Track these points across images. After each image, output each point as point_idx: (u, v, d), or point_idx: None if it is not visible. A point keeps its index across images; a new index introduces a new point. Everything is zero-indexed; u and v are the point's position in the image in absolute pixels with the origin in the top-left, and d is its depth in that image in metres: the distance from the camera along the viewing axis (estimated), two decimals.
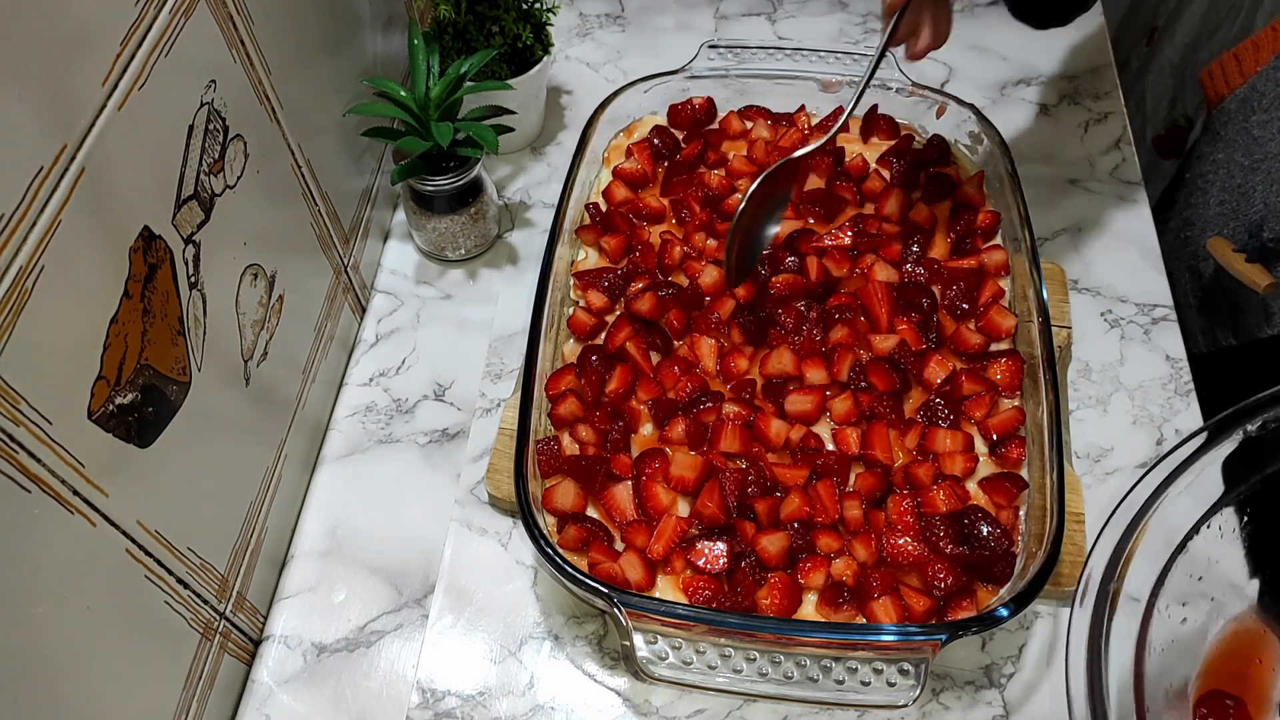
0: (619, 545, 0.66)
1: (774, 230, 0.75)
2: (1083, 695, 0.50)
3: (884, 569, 0.63)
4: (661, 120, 0.90)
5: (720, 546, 0.64)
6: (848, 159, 0.85)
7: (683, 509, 0.67)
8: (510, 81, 0.84)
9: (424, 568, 0.73)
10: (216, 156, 0.59)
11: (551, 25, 0.91)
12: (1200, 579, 0.58)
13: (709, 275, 0.77)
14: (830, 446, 0.70)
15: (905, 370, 0.72)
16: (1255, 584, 0.61)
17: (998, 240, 0.80)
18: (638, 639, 0.59)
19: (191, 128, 0.56)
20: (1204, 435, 0.57)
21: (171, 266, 0.55)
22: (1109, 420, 0.78)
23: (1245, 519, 0.59)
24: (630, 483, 0.67)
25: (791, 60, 0.89)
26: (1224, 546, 0.59)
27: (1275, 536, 0.60)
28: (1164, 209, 0.97)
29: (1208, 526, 0.57)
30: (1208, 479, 0.57)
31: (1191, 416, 0.78)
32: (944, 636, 0.57)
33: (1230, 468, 0.58)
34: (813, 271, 0.77)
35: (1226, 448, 0.57)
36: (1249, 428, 0.57)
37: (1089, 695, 0.50)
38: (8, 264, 0.42)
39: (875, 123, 0.88)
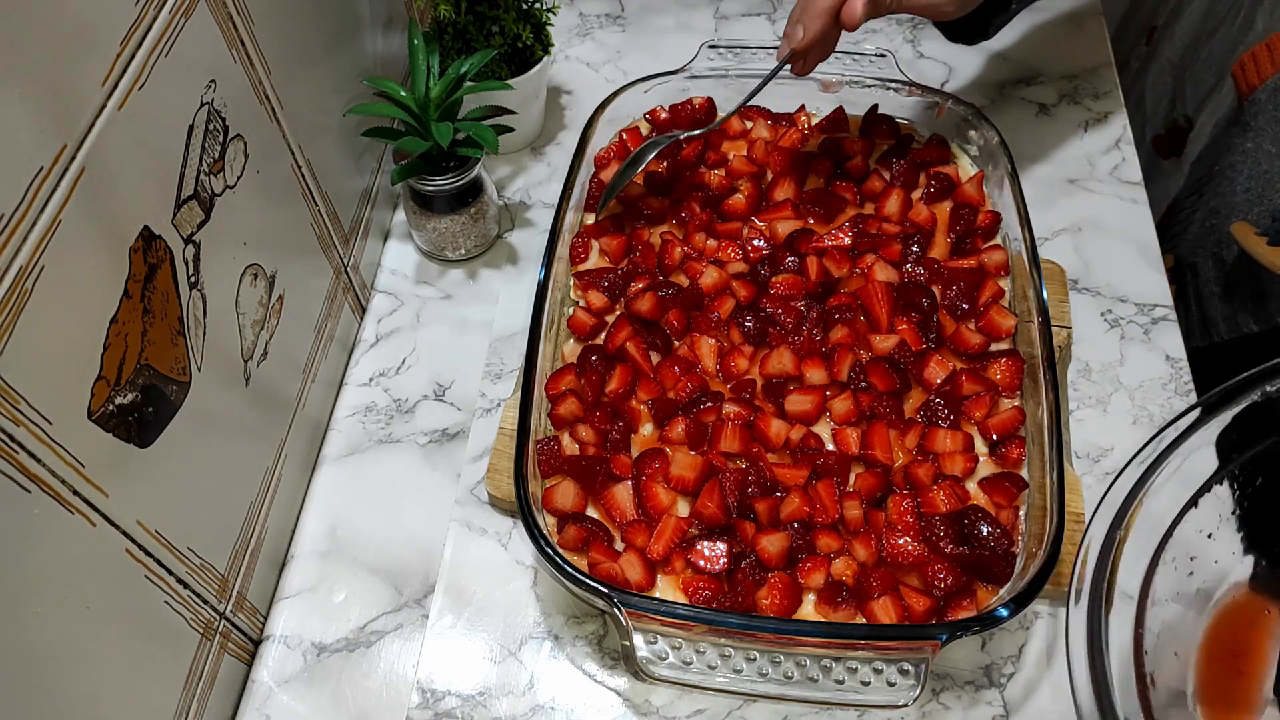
0: (619, 545, 0.66)
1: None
2: (1086, 682, 0.51)
3: (884, 569, 0.63)
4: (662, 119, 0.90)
5: (720, 546, 0.64)
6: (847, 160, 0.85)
7: (683, 509, 0.67)
8: (510, 81, 0.84)
9: (424, 568, 0.73)
10: (216, 156, 0.59)
11: (551, 25, 0.91)
12: (1193, 558, 0.59)
13: (709, 275, 0.77)
14: (830, 446, 0.70)
15: (905, 370, 0.72)
16: (1249, 560, 0.61)
17: (998, 240, 0.80)
18: (638, 639, 0.59)
19: (191, 128, 0.56)
20: (1196, 412, 0.58)
21: (171, 266, 0.55)
22: (1109, 420, 0.78)
23: (1238, 495, 0.60)
24: (630, 483, 0.67)
25: None
26: (1217, 523, 0.60)
27: (1269, 512, 0.60)
28: (1185, 198, 0.97)
29: (1196, 507, 0.58)
30: (1198, 460, 0.58)
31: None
32: (944, 636, 0.57)
33: (1223, 444, 0.58)
34: (813, 271, 0.77)
35: (1217, 427, 0.58)
36: (1243, 402, 0.58)
37: (1092, 682, 0.50)
38: (8, 264, 0.42)
39: (875, 123, 0.88)
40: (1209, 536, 0.59)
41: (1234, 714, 0.58)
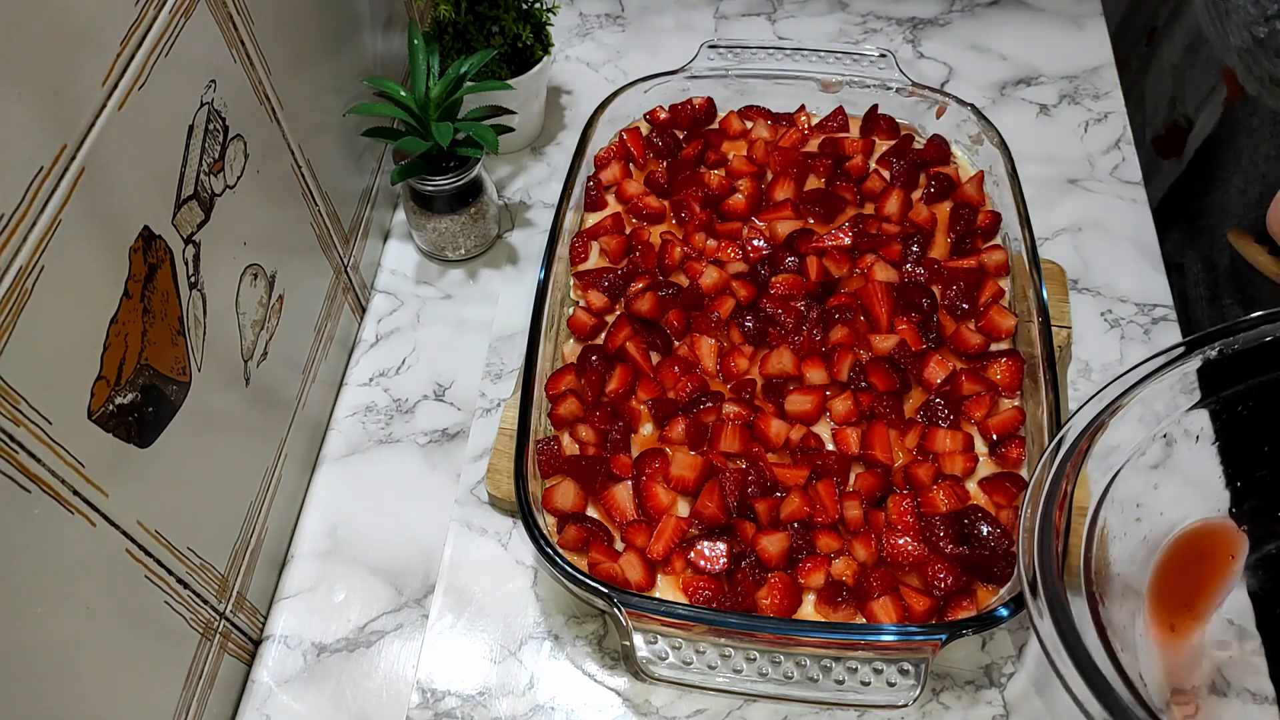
0: (619, 545, 0.66)
1: None
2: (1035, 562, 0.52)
3: (884, 569, 0.63)
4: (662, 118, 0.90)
5: (720, 546, 0.64)
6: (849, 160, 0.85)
7: (683, 509, 0.67)
8: (510, 81, 0.84)
9: (424, 568, 0.73)
10: (216, 156, 0.59)
11: (551, 25, 0.91)
12: (1139, 504, 0.61)
13: (709, 275, 0.77)
14: (830, 446, 0.70)
15: (905, 370, 0.72)
16: (1225, 493, 0.64)
17: (998, 240, 0.80)
18: (638, 639, 0.59)
19: (191, 128, 0.56)
20: (1180, 349, 0.60)
21: (171, 266, 0.55)
22: None
23: (1219, 426, 0.62)
24: (630, 483, 0.67)
25: (791, 60, 0.89)
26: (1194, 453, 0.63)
27: (1248, 444, 0.63)
28: (1176, 199, 0.97)
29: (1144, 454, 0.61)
30: (1171, 388, 0.60)
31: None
32: (944, 636, 0.57)
33: (1208, 378, 0.60)
34: (813, 271, 0.77)
35: (1196, 362, 0.60)
36: (1230, 345, 0.60)
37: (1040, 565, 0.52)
38: (8, 264, 0.42)
39: (875, 123, 0.88)
40: (1155, 487, 0.61)
41: (1179, 624, 0.61)
